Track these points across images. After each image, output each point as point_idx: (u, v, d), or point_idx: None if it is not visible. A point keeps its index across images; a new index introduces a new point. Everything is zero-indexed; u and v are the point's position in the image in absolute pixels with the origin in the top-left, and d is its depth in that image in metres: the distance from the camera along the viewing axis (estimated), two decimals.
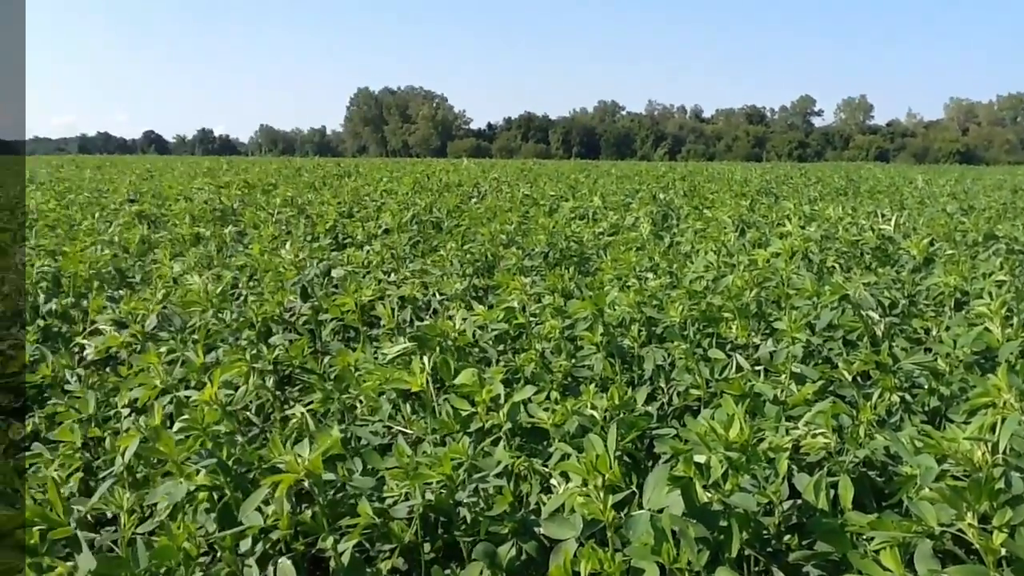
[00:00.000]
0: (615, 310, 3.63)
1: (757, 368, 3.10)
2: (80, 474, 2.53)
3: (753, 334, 3.46)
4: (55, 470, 2.50)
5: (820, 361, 3.31)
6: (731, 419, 1.92)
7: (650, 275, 4.64)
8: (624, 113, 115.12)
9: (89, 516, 1.74)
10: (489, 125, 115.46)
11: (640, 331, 3.45)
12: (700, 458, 1.82)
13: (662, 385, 3.14)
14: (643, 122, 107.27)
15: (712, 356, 3.11)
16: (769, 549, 1.95)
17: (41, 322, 4.31)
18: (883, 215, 7.14)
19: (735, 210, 8.27)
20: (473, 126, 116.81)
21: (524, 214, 8.32)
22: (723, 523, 1.74)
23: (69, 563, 1.53)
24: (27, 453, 2.73)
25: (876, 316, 3.35)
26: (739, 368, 3.02)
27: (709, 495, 1.80)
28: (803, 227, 6.05)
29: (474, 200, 10.62)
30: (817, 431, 2.19)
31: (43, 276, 4.89)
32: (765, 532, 1.99)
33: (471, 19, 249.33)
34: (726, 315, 3.57)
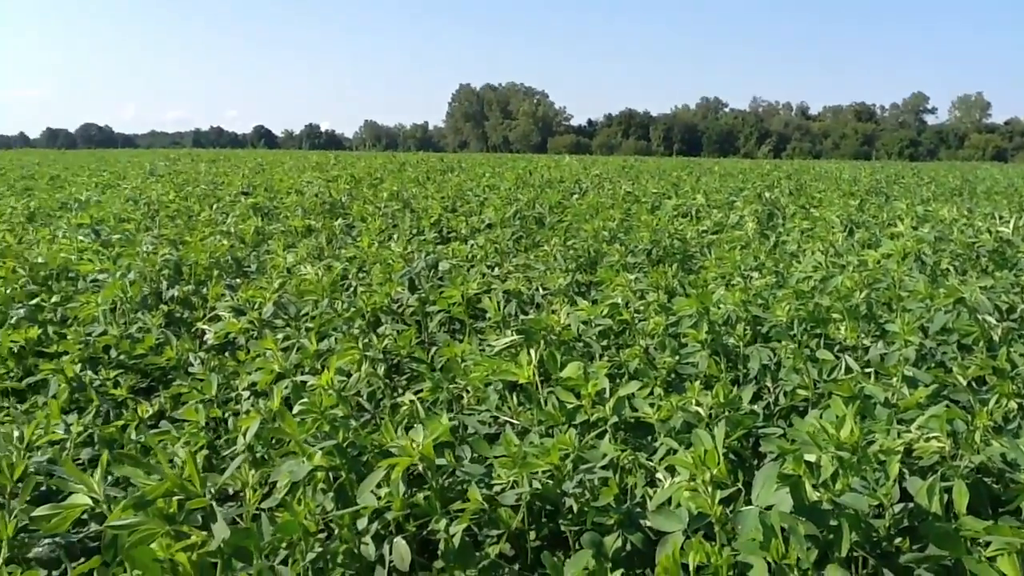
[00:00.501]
0: (720, 308, 3.61)
1: (867, 370, 3.05)
2: (205, 451, 2.67)
3: (863, 336, 3.40)
4: (181, 447, 2.64)
5: (933, 365, 3.23)
6: (841, 419, 1.92)
7: (755, 274, 4.60)
8: (727, 110, 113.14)
9: (212, 491, 1.85)
10: (589, 121, 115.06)
11: (745, 330, 3.43)
12: (810, 457, 1.82)
13: (768, 385, 3.12)
14: (747, 119, 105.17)
15: (820, 357, 3.07)
16: (879, 551, 1.93)
17: (164, 307, 4.53)
18: (1001, 217, 6.88)
19: (843, 210, 8.09)
20: (573, 123, 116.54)
21: (626, 211, 8.30)
22: (833, 522, 1.73)
23: (203, 532, 1.64)
24: (154, 431, 2.89)
25: (993, 320, 3.25)
26: (848, 370, 2.97)
27: (818, 494, 1.80)
28: (915, 228, 5.88)
29: (576, 196, 10.64)
30: (930, 435, 2.15)
31: (166, 264, 5.13)
32: (875, 534, 1.97)
33: (572, 15, 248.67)
34: (835, 316, 3.52)
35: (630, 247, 5.76)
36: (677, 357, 3.23)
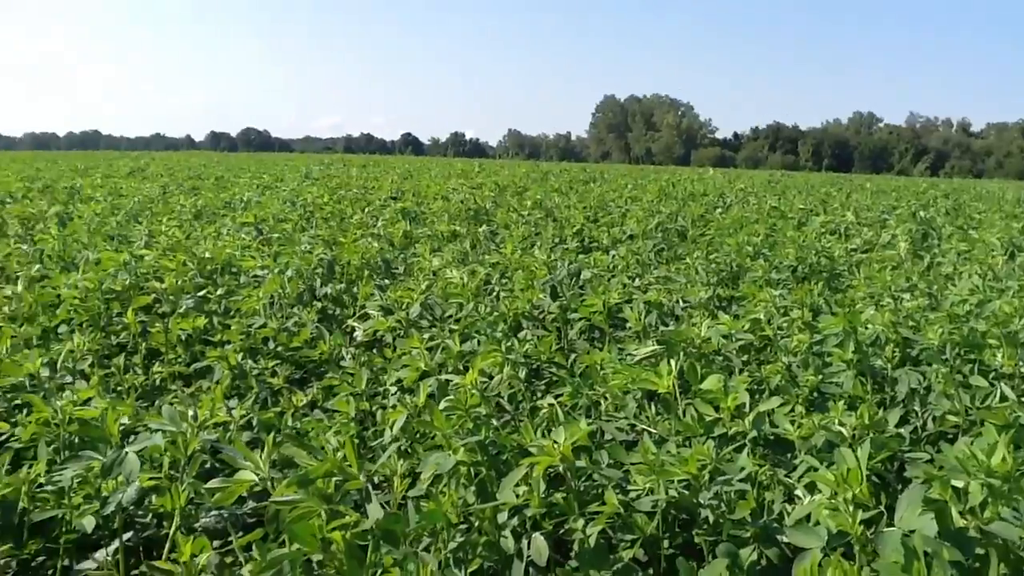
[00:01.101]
0: (868, 329, 3.53)
1: None
2: (355, 440, 2.81)
3: (1022, 364, 3.26)
4: (332, 435, 2.79)
5: None
6: (993, 446, 1.86)
7: (906, 296, 4.46)
8: (881, 125, 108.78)
9: (367, 482, 1.96)
10: (735, 135, 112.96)
11: (894, 352, 3.34)
12: (958, 483, 1.78)
13: (916, 409, 3.03)
14: (902, 134, 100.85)
15: (973, 383, 2.96)
16: None
17: (318, 304, 4.76)
18: None
19: (1005, 232, 7.69)
20: (718, 135, 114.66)
21: (771, 226, 8.15)
22: (979, 551, 1.69)
23: (356, 514, 1.74)
24: (307, 419, 3.07)
25: None
26: (1003, 398, 2.85)
27: (965, 521, 1.76)
28: None
29: (719, 210, 10.51)
30: None
31: (320, 263, 5.39)
32: None
33: (720, 26, 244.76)
34: (991, 342, 3.38)
35: (774, 263, 5.66)
36: (821, 376, 3.18)
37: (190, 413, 2.10)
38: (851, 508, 1.75)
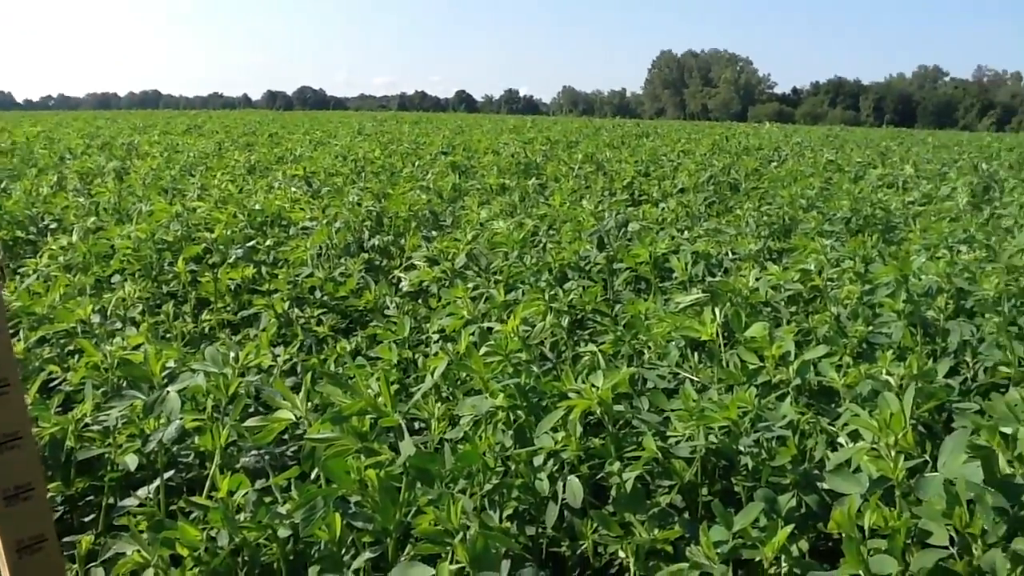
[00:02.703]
0: (921, 279, 3.44)
1: None
2: (396, 387, 2.82)
3: None
4: (374, 381, 2.81)
5: None
6: None
7: (963, 247, 4.33)
8: (947, 79, 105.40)
9: (403, 421, 1.96)
10: (794, 89, 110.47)
11: (947, 303, 3.26)
12: (1007, 429, 1.73)
13: (967, 360, 2.95)
14: (969, 89, 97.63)
15: None
16: None
17: (365, 255, 4.79)
18: None
19: None
20: (777, 90, 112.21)
21: (827, 180, 7.98)
22: None
23: (392, 453, 1.75)
24: (349, 365, 3.09)
25: None
26: None
27: (1012, 468, 1.71)
28: None
29: (774, 164, 10.32)
30: None
31: (369, 215, 5.41)
32: None
33: None
34: None
35: (828, 215, 5.54)
36: (870, 327, 3.11)
37: (232, 356, 2.12)
38: (893, 454, 1.71)
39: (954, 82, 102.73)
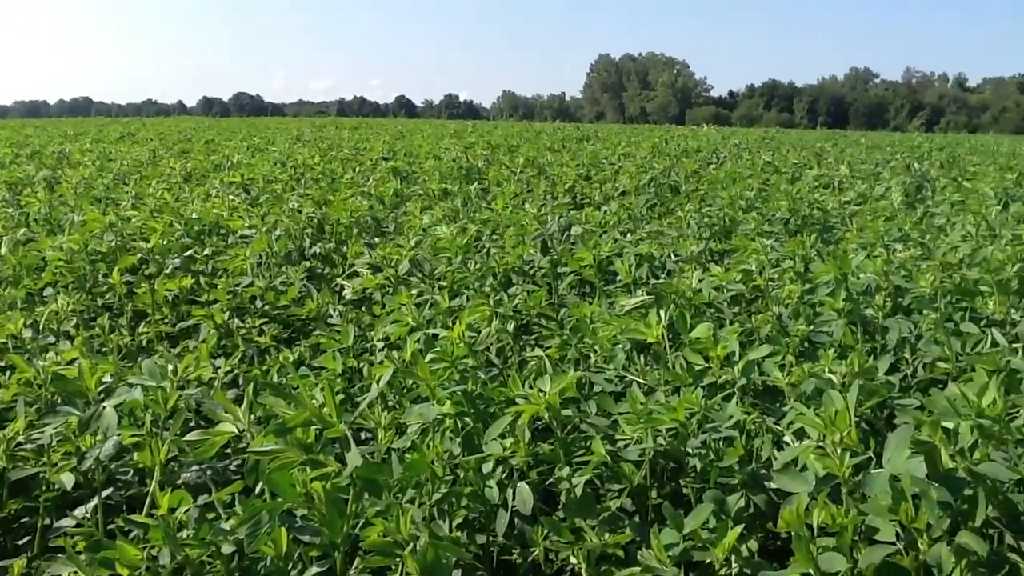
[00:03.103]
0: (859, 278, 3.50)
1: (1015, 345, 2.90)
2: (341, 396, 2.78)
3: (1013, 310, 3.23)
4: (318, 391, 2.76)
5: None
6: (984, 387, 1.84)
7: (899, 246, 4.42)
8: (878, 81, 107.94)
9: (349, 431, 1.93)
10: (730, 93, 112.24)
11: (885, 301, 3.32)
12: (948, 424, 1.76)
13: (906, 356, 3.01)
14: (899, 91, 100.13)
15: (964, 330, 2.93)
16: (1018, 526, 1.85)
17: (307, 263, 4.72)
18: None
19: (999, 183, 7.65)
20: (713, 93, 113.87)
21: (765, 181, 8.10)
22: (968, 492, 1.67)
23: (339, 464, 1.72)
24: (292, 376, 3.03)
25: None
26: (994, 343, 2.83)
27: (955, 463, 1.73)
28: None
29: (712, 166, 10.44)
30: None
31: (309, 222, 5.34)
32: (1014, 510, 1.89)
33: None
34: (983, 288, 3.35)
35: (767, 216, 5.62)
36: (811, 325, 3.15)
37: (170, 368, 2.07)
38: (839, 451, 1.73)
39: (884, 84, 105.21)
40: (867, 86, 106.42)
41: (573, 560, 1.86)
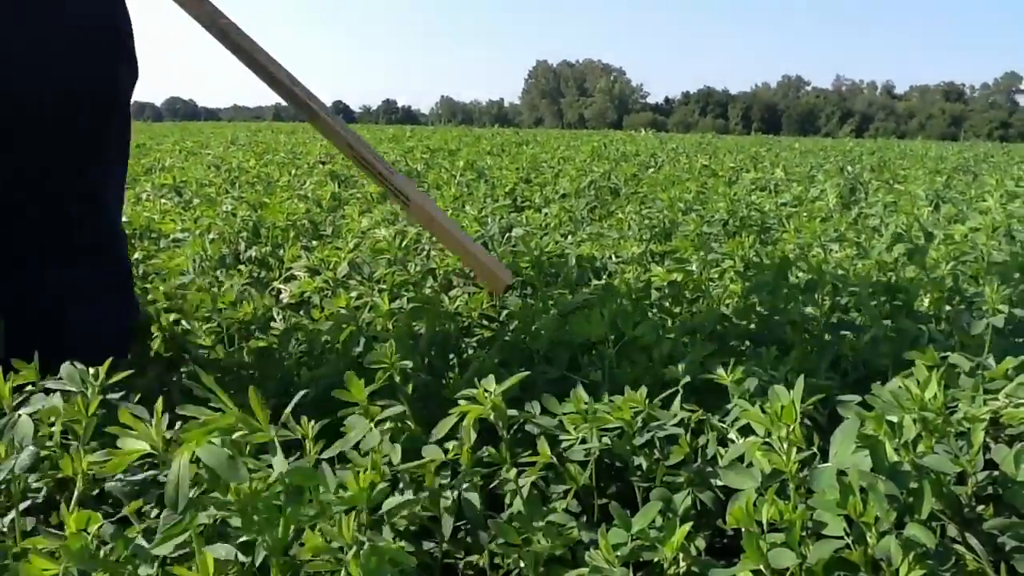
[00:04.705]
0: (797, 277, 3.53)
1: (951, 341, 2.94)
2: (274, 400, 2.70)
3: (947, 307, 3.28)
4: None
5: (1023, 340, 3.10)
6: (926, 380, 1.85)
7: (835, 246, 4.48)
8: (809, 88, 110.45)
9: (276, 438, 1.85)
10: (666, 99, 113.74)
11: (823, 299, 3.34)
12: (891, 417, 1.76)
13: (846, 353, 3.03)
14: (829, 98, 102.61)
15: (901, 327, 2.97)
16: (961, 517, 1.86)
17: (243, 267, 4.61)
18: None
19: (929, 185, 7.83)
20: (650, 100, 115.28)
21: (703, 184, 8.17)
22: (913, 485, 1.67)
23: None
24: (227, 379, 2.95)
25: None
26: (931, 339, 2.87)
27: (899, 456, 1.73)
28: (1005, 204, 5.66)
29: (651, 170, 10.52)
30: (1019, 402, 2.06)
31: (244, 225, 5.22)
32: (957, 501, 1.91)
33: None
34: (918, 287, 3.40)
35: (706, 218, 5.66)
36: (752, 324, 3.16)
37: (91, 372, 1.97)
38: (785, 446, 1.71)
39: (815, 91, 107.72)
40: (799, 93, 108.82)
41: (520, 563, 1.81)
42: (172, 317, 3.41)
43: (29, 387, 2.07)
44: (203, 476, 1.57)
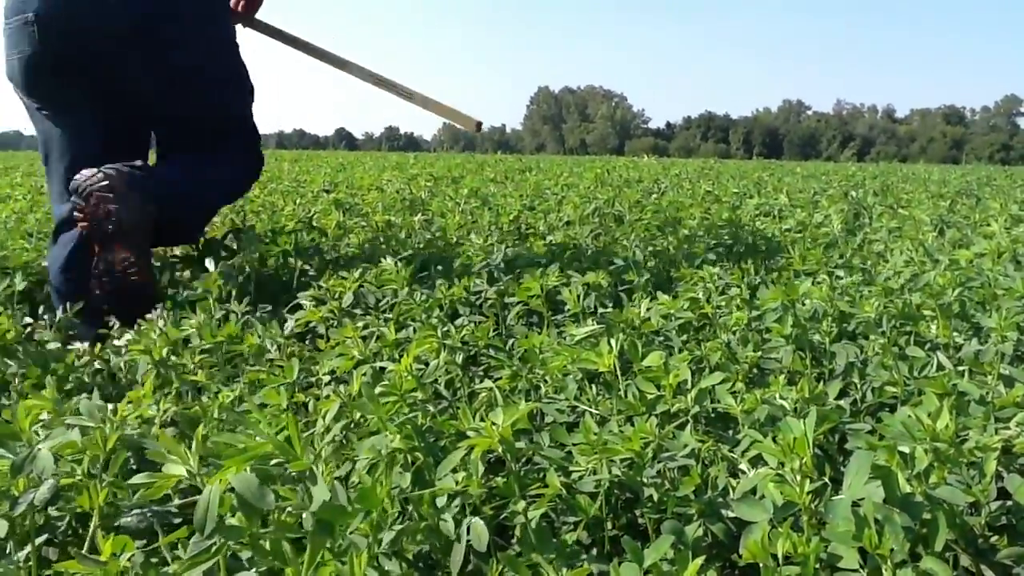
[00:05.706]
0: (805, 304, 3.53)
1: (960, 368, 2.94)
2: (285, 432, 2.70)
3: (956, 334, 3.28)
4: (265, 426, 2.68)
5: None
6: (937, 411, 1.84)
7: (841, 272, 4.48)
8: (810, 113, 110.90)
9: (313, 466, 1.85)
10: (668, 124, 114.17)
11: (831, 326, 3.34)
12: (903, 448, 1.76)
13: (855, 381, 3.02)
14: (830, 122, 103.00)
15: (910, 354, 2.96)
16: (974, 548, 1.86)
17: (247, 297, 4.61)
18: None
19: (934, 210, 7.84)
20: (651, 125, 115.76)
21: (706, 210, 8.18)
22: (926, 516, 1.67)
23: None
24: (237, 410, 2.94)
25: None
26: (940, 367, 2.86)
27: (911, 487, 1.73)
28: (1009, 229, 5.67)
29: (654, 196, 10.54)
30: None
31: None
32: (971, 532, 1.90)
33: (652, 18, 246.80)
34: (926, 313, 3.40)
35: (711, 244, 5.66)
36: (760, 352, 3.16)
37: (110, 408, 1.98)
38: (798, 478, 1.71)
39: (816, 115, 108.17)
40: (800, 118, 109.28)
41: None
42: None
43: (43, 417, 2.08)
44: (232, 502, 1.57)
